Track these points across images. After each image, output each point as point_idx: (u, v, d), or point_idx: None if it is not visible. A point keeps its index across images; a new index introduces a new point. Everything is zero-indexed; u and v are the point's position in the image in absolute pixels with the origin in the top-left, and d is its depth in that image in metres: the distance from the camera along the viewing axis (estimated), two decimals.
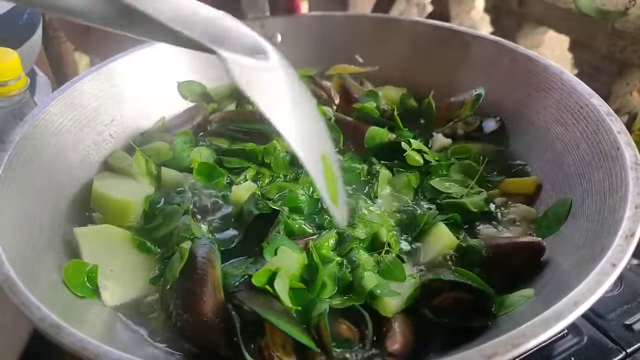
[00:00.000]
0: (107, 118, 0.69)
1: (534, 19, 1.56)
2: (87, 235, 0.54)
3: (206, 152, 0.67)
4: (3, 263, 0.43)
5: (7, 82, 0.62)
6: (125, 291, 0.51)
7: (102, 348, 0.36)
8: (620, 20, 1.31)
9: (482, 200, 0.60)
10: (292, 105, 0.44)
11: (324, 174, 0.45)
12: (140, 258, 0.54)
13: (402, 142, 0.66)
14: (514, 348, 0.34)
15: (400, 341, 0.44)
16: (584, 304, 0.37)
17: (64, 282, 0.49)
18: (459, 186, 0.62)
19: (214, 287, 0.47)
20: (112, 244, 0.54)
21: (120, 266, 0.52)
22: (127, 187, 0.62)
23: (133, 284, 0.51)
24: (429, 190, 0.62)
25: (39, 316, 0.39)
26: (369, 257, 0.53)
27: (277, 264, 0.49)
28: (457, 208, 0.59)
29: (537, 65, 0.66)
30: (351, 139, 0.69)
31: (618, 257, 0.40)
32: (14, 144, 0.55)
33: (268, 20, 0.81)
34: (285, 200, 0.58)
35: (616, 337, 0.55)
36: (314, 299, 0.48)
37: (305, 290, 0.49)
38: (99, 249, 0.53)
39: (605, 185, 0.50)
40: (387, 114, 0.73)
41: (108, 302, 0.50)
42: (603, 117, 0.55)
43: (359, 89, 0.78)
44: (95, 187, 0.61)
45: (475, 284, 0.48)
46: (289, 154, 0.66)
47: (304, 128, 0.45)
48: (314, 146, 0.45)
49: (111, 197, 0.59)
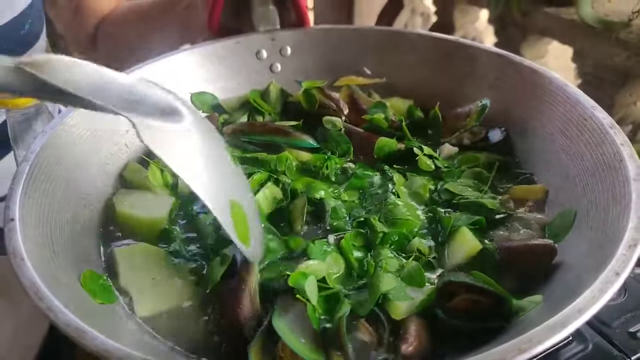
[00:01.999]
0: (122, 128, 0.71)
1: (538, 29, 1.57)
2: (125, 253, 0.57)
3: None
4: (28, 269, 0.44)
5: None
6: (157, 303, 0.53)
7: (124, 351, 0.38)
8: (624, 31, 1.33)
9: (497, 203, 0.61)
10: (204, 161, 0.50)
11: (233, 219, 0.50)
12: (173, 270, 0.56)
13: (414, 147, 0.68)
14: (521, 353, 0.36)
15: (415, 344, 0.45)
16: (589, 311, 0.38)
17: (84, 289, 0.51)
18: (473, 190, 0.63)
19: (250, 292, 0.49)
20: (147, 260, 0.56)
21: (153, 279, 0.55)
22: (149, 202, 0.63)
23: (165, 295, 0.53)
24: (444, 193, 0.63)
25: (64, 320, 0.40)
26: (394, 259, 0.54)
27: (314, 265, 0.52)
28: (476, 207, 0.60)
29: (542, 78, 0.67)
30: (360, 150, 0.71)
31: (621, 266, 0.42)
32: (35, 154, 0.57)
33: (278, 34, 0.83)
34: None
35: (621, 345, 0.56)
36: (341, 300, 0.50)
37: (336, 294, 0.51)
38: (134, 265, 0.56)
39: (608, 196, 0.51)
40: (395, 124, 0.75)
41: (140, 314, 0.52)
42: (606, 129, 0.57)
43: (367, 100, 0.80)
44: (119, 208, 0.62)
45: (489, 287, 0.48)
46: (300, 163, 0.68)
47: (214, 180, 0.51)
48: (221, 195, 0.51)
49: (138, 217, 0.61)
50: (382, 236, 0.57)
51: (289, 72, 0.84)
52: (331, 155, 0.69)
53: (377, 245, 0.57)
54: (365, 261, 0.55)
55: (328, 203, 0.61)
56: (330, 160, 0.67)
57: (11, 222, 0.48)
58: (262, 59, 0.84)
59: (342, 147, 0.71)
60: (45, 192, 0.56)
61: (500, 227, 0.59)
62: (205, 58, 0.80)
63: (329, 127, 0.72)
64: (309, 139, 0.72)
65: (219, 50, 0.81)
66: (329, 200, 0.61)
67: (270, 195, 0.62)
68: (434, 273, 0.54)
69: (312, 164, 0.68)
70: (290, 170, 0.67)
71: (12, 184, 0.53)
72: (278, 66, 0.84)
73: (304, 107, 0.77)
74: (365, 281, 0.53)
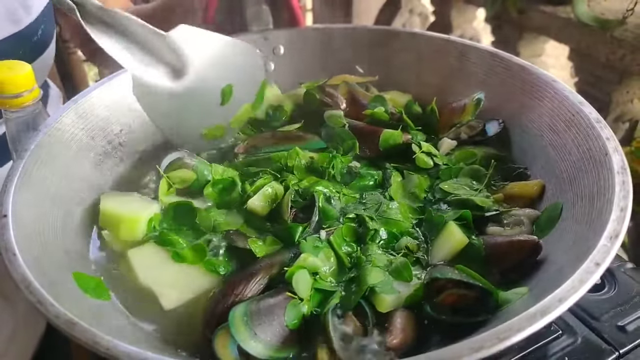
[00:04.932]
0: (117, 127, 0.72)
1: (534, 28, 1.58)
2: (138, 253, 0.58)
3: (229, 171, 0.68)
4: (20, 264, 0.45)
5: (22, 94, 0.64)
6: (181, 294, 0.54)
7: (113, 342, 0.39)
8: (619, 29, 1.33)
9: (490, 200, 0.62)
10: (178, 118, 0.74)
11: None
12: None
13: (413, 144, 0.69)
14: (500, 342, 0.36)
15: (400, 336, 0.46)
16: (568, 300, 0.39)
17: (76, 284, 0.51)
18: (468, 189, 0.64)
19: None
20: (162, 256, 0.58)
21: (173, 273, 0.56)
22: (134, 204, 0.64)
23: (188, 286, 0.55)
24: (439, 192, 0.64)
25: (54, 313, 0.41)
26: (383, 255, 0.55)
27: (307, 259, 0.53)
28: (465, 204, 0.61)
29: (530, 75, 0.68)
30: (366, 144, 0.71)
31: (602, 257, 0.42)
32: (29, 151, 0.58)
33: (271, 33, 0.84)
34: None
35: (609, 338, 0.57)
36: (332, 294, 0.51)
37: (328, 288, 0.52)
38: (150, 262, 0.57)
39: (594, 190, 0.52)
40: (396, 116, 0.76)
41: (166, 307, 0.53)
42: (593, 124, 0.57)
43: (365, 95, 0.80)
44: (102, 206, 0.62)
45: (476, 281, 0.49)
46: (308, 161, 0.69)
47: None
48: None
49: (119, 214, 0.62)
50: (373, 233, 0.58)
51: (282, 71, 0.85)
52: (336, 153, 0.70)
53: (368, 241, 0.57)
54: (355, 255, 0.56)
55: (317, 195, 0.61)
56: (335, 159, 0.68)
57: (4, 219, 0.49)
58: None
59: (347, 143, 0.72)
60: (38, 190, 0.57)
61: (493, 223, 0.60)
62: None
63: (332, 124, 0.74)
64: (318, 139, 0.73)
65: None
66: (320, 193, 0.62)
67: (273, 193, 0.63)
68: (421, 269, 0.55)
69: (319, 164, 0.68)
70: (298, 168, 0.68)
71: (5, 180, 0.54)
72: (271, 65, 0.85)
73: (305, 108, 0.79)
74: (354, 274, 0.54)
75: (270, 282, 0.53)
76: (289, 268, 0.52)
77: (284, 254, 0.56)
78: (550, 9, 1.49)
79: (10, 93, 0.64)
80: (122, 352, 0.37)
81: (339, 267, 0.55)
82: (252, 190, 0.64)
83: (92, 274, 0.55)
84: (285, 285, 0.51)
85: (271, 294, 0.51)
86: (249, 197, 0.63)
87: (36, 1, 0.83)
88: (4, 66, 0.65)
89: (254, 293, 0.52)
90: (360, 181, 0.66)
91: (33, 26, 0.82)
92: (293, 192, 0.62)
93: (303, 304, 0.50)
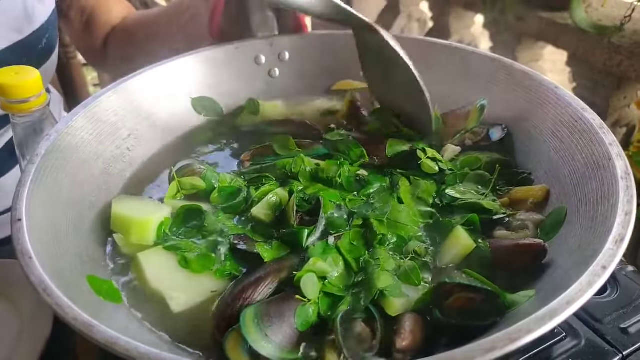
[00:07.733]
0: (124, 132, 0.72)
1: (532, 34, 1.59)
2: (148, 256, 0.59)
3: (236, 181, 0.68)
4: (36, 267, 0.46)
5: (29, 99, 0.65)
6: (190, 298, 0.55)
7: (131, 343, 0.39)
8: (617, 35, 1.34)
9: (497, 204, 0.62)
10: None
11: None
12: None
13: (417, 150, 0.70)
14: (511, 342, 0.37)
15: (410, 338, 0.47)
16: (576, 303, 0.40)
17: (90, 287, 0.52)
18: (475, 194, 0.65)
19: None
20: (172, 260, 0.58)
21: (183, 277, 0.57)
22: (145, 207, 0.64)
23: (197, 290, 0.55)
24: (446, 197, 0.65)
25: (72, 315, 0.42)
26: (392, 258, 0.56)
27: (316, 263, 0.54)
28: (472, 208, 0.61)
29: (533, 81, 0.69)
30: (372, 152, 0.72)
31: (608, 260, 0.43)
32: (41, 157, 0.59)
33: (276, 39, 0.85)
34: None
35: (613, 340, 0.58)
36: (342, 298, 0.52)
37: (338, 292, 0.53)
38: (160, 265, 0.58)
39: (598, 195, 0.53)
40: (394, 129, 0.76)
41: (175, 310, 0.53)
42: (596, 129, 0.58)
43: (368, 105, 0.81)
44: (114, 209, 0.62)
45: (484, 285, 0.50)
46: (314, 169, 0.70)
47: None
48: None
49: (130, 217, 0.61)
50: (381, 237, 0.58)
51: (287, 77, 0.86)
52: (344, 161, 0.70)
53: (376, 245, 0.58)
54: (364, 259, 0.57)
55: (322, 198, 0.61)
56: (342, 167, 0.68)
57: (18, 222, 0.50)
58: (261, 64, 0.85)
59: (354, 151, 0.72)
60: (50, 194, 0.57)
61: (499, 227, 0.61)
62: (205, 63, 0.82)
63: (334, 139, 0.74)
64: (323, 147, 0.74)
65: (218, 56, 0.83)
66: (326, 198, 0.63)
67: (277, 201, 0.63)
68: (430, 274, 0.55)
69: (325, 172, 0.68)
70: (303, 175, 0.68)
71: (18, 185, 0.54)
72: (276, 71, 0.86)
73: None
74: (362, 279, 0.54)
75: (279, 285, 0.54)
76: (298, 272, 0.53)
77: (293, 258, 0.57)
78: (548, 15, 1.51)
79: (18, 98, 0.65)
80: (142, 353, 0.38)
81: (347, 271, 0.56)
82: (257, 195, 0.64)
83: (104, 277, 0.55)
84: (294, 289, 0.52)
85: (281, 297, 0.52)
86: (254, 203, 0.63)
87: (38, 10, 0.83)
88: (12, 71, 0.66)
89: (263, 297, 0.52)
90: (369, 189, 0.67)
91: (37, 34, 0.82)
92: (298, 197, 0.62)
93: (312, 306, 0.50)
